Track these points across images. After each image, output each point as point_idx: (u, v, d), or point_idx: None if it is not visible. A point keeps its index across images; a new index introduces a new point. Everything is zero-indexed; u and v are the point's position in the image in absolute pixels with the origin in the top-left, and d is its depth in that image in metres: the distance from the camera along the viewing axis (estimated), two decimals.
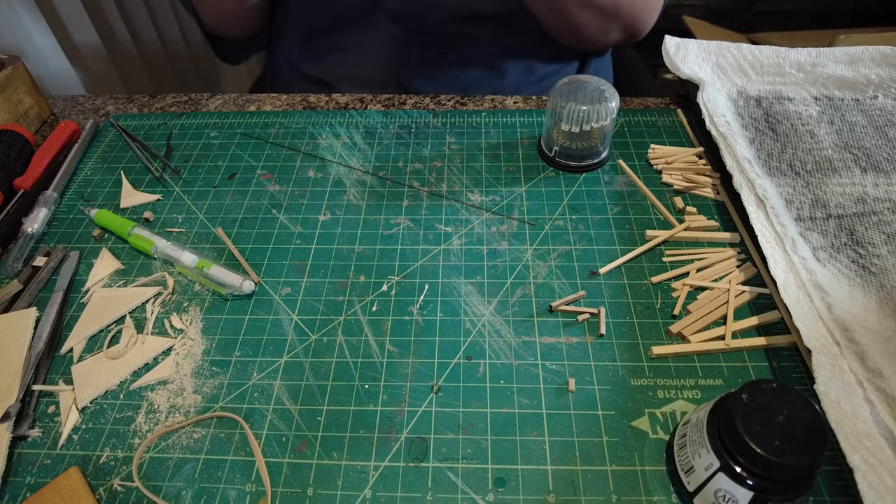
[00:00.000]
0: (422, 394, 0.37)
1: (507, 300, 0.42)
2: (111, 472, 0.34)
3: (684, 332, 0.39)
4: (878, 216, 0.44)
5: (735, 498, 0.28)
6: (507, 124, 0.57)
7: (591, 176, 0.51)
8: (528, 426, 0.35)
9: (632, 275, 0.43)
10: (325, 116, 0.58)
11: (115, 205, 0.50)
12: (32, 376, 0.38)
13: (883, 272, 0.41)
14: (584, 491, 0.32)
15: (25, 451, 0.35)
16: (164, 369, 0.39)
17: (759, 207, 0.44)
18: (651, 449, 0.34)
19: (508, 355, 0.39)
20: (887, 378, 0.34)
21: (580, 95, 0.47)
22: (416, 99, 0.61)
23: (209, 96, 0.62)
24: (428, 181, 0.51)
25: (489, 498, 0.32)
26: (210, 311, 0.42)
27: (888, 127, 0.52)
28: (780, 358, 0.38)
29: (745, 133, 0.52)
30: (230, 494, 0.33)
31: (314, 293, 0.43)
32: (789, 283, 0.39)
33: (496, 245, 0.46)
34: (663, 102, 0.59)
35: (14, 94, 0.56)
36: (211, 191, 0.51)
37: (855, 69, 0.57)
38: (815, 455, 0.26)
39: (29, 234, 0.46)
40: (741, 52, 0.59)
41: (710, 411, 0.30)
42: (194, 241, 0.47)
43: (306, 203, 0.50)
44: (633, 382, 0.37)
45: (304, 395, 0.37)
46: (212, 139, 0.56)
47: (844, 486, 0.32)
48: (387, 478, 0.33)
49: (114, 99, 0.63)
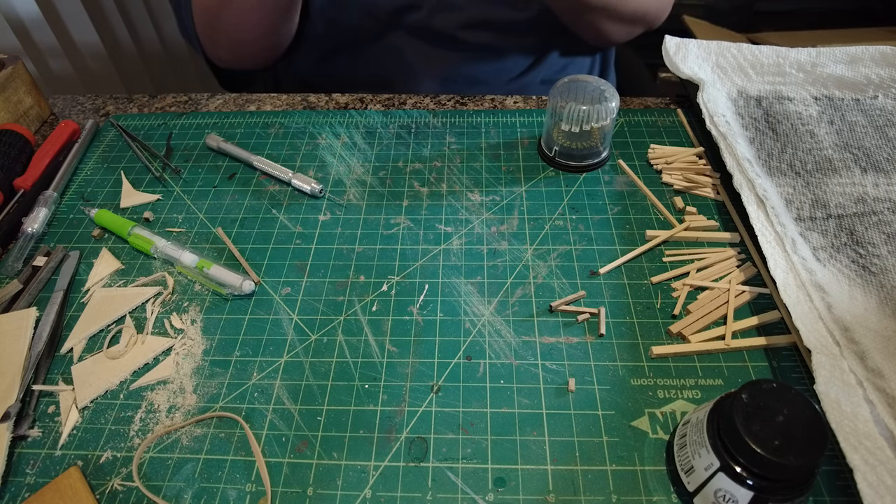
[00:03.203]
0: (422, 394, 0.37)
1: (507, 300, 0.42)
2: (111, 472, 0.34)
3: (684, 332, 0.39)
4: (878, 216, 0.44)
5: (735, 498, 0.28)
6: (507, 124, 0.57)
7: (591, 176, 0.51)
8: (528, 426, 0.35)
9: (632, 275, 0.43)
10: (325, 116, 0.58)
11: (115, 205, 0.50)
12: (32, 376, 0.38)
13: (883, 272, 0.41)
14: (584, 491, 0.32)
15: (25, 451, 0.35)
16: (164, 369, 0.39)
17: (759, 207, 0.44)
18: (651, 449, 0.34)
19: (508, 355, 0.39)
20: (887, 378, 0.34)
21: (580, 95, 0.47)
22: (416, 99, 0.61)
23: (209, 96, 0.62)
24: (428, 181, 0.51)
25: (489, 498, 0.32)
26: (210, 311, 0.42)
27: (888, 127, 0.52)
28: (780, 358, 0.38)
29: (746, 133, 0.52)
30: (230, 494, 0.33)
31: (314, 293, 0.43)
32: (789, 283, 0.39)
33: (496, 245, 0.46)
34: (663, 102, 0.59)
35: (14, 94, 0.56)
36: (211, 191, 0.51)
37: (855, 69, 0.57)
38: (815, 455, 0.26)
39: (29, 234, 0.46)
40: (741, 52, 0.59)
41: (710, 411, 0.30)
42: (194, 241, 0.47)
43: (306, 203, 0.50)
44: (633, 382, 0.37)
45: (304, 395, 0.37)
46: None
47: (844, 486, 0.32)
48: (387, 478, 0.33)
49: (114, 99, 0.63)
